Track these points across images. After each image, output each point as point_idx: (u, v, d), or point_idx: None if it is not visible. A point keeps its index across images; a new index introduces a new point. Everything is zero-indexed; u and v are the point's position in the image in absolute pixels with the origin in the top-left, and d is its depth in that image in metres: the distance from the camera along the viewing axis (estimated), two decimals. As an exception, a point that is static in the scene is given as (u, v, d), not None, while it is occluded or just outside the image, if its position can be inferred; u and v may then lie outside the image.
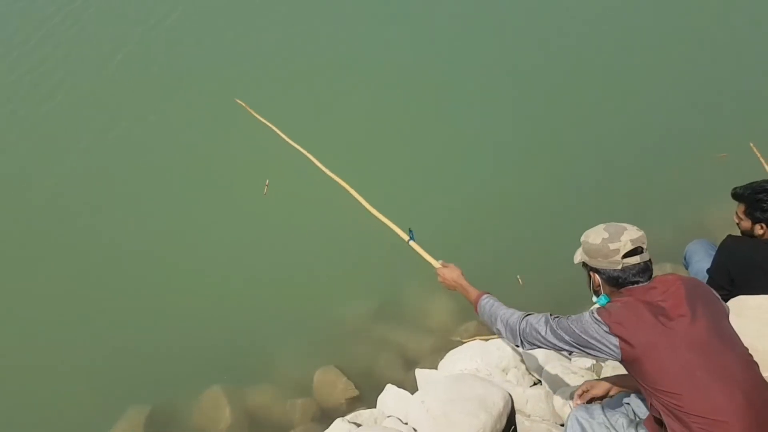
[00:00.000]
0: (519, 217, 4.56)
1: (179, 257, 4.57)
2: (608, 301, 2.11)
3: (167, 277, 4.47)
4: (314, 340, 4.06)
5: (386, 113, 5.30)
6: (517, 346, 2.25)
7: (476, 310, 2.41)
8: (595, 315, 2.04)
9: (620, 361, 2.02)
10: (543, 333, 2.14)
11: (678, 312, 1.97)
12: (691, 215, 4.36)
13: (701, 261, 2.97)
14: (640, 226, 2.11)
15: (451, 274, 2.55)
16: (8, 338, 4.23)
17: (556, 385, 2.99)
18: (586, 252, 2.15)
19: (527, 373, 3.29)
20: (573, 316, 2.10)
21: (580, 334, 2.04)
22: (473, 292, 2.45)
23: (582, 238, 2.18)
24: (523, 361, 3.33)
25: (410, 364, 3.88)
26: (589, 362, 3.18)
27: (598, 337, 2.00)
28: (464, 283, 2.51)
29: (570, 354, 2.21)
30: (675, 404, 1.92)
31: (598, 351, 2.02)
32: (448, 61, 5.71)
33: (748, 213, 2.80)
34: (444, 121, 5.26)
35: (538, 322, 2.17)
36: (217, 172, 5.06)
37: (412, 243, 2.72)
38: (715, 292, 2.14)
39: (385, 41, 5.91)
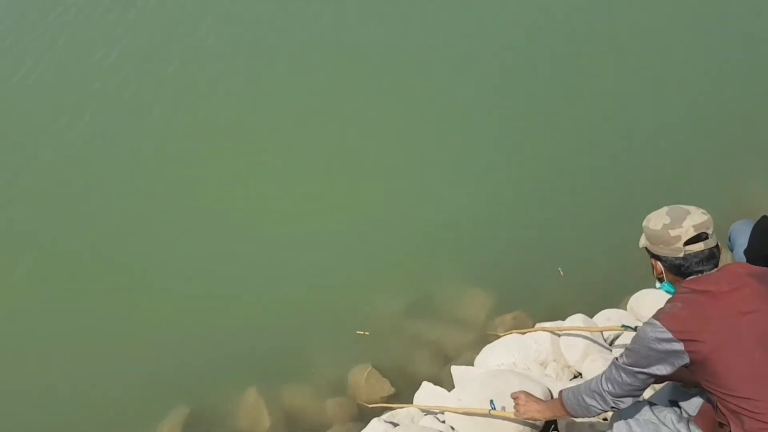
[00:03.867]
0: (557, 207, 4.44)
1: (215, 263, 4.58)
2: (670, 289, 1.99)
3: (205, 282, 4.49)
4: (349, 339, 4.02)
5: (396, 110, 5.25)
6: (614, 409, 2.02)
7: (568, 412, 2.16)
8: (654, 321, 1.87)
9: (686, 366, 1.87)
10: (619, 378, 1.96)
11: (749, 306, 1.81)
12: (738, 195, 4.17)
13: (746, 243, 2.80)
14: (687, 205, 1.98)
15: (529, 405, 2.29)
16: (49, 343, 4.32)
17: (598, 378, 2.87)
18: (648, 237, 2.02)
19: (567, 366, 3.18)
20: (633, 337, 1.92)
21: (645, 354, 1.88)
22: (554, 401, 2.24)
23: (644, 223, 2.04)
24: (562, 354, 3.22)
25: (446, 360, 3.82)
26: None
27: (661, 348, 1.84)
28: (543, 404, 2.27)
29: (654, 382, 2.01)
30: (745, 409, 1.78)
31: (667, 363, 1.86)
32: (455, 47, 5.64)
33: None
34: (461, 114, 5.18)
35: (610, 371, 2.00)
36: (248, 176, 5.07)
37: (493, 412, 2.63)
38: None
39: (380, 39, 5.85)
